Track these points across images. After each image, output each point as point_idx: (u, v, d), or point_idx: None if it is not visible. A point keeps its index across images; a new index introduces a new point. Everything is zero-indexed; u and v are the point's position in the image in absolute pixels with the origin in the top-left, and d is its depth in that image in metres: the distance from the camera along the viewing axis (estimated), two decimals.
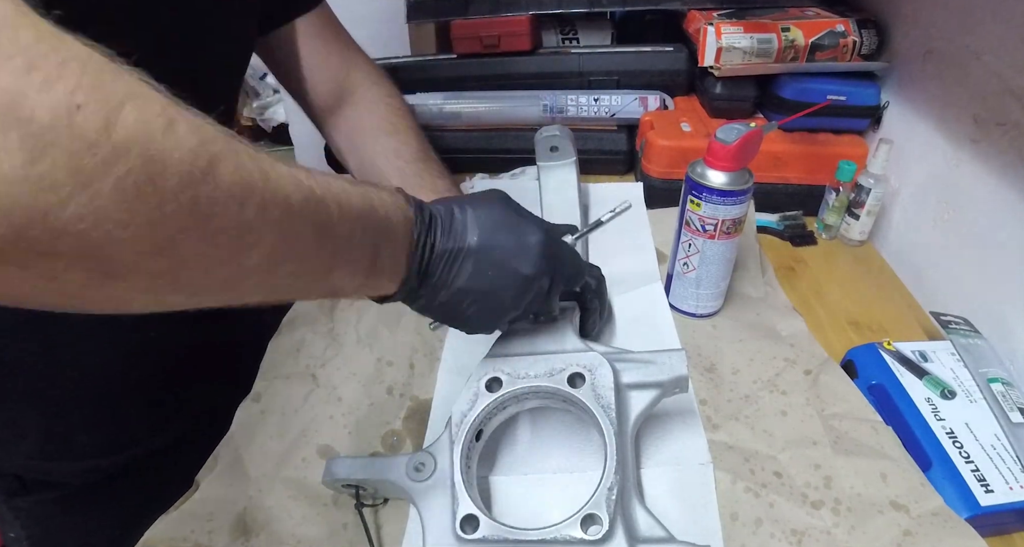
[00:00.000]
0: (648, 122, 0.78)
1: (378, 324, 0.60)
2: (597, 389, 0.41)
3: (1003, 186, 0.56)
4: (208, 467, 0.48)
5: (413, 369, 0.56)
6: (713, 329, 0.59)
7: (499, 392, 0.42)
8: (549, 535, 0.36)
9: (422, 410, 0.52)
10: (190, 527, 0.44)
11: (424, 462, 0.41)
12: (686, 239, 0.56)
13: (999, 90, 0.56)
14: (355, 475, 0.43)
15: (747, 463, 0.46)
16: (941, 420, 0.48)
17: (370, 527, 0.43)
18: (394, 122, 0.64)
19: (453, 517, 0.38)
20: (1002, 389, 0.50)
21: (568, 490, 0.44)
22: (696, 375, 0.54)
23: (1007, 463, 0.45)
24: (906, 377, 0.51)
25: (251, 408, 0.53)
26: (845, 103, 0.71)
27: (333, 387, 0.54)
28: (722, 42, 0.72)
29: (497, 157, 0.84)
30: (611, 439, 0.39)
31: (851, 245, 0.72)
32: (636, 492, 0.41)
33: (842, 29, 0.72)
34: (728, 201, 0.52)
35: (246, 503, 0.46)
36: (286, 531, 0.44)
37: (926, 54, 0.67)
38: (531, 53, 0.85)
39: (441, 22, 0.94)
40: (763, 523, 0.43)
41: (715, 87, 0.76)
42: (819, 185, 0.72)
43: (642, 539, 0.38)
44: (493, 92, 0.84)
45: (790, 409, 0.50)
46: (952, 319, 0.58)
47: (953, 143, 0.63)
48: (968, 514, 0.42)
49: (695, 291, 0.58)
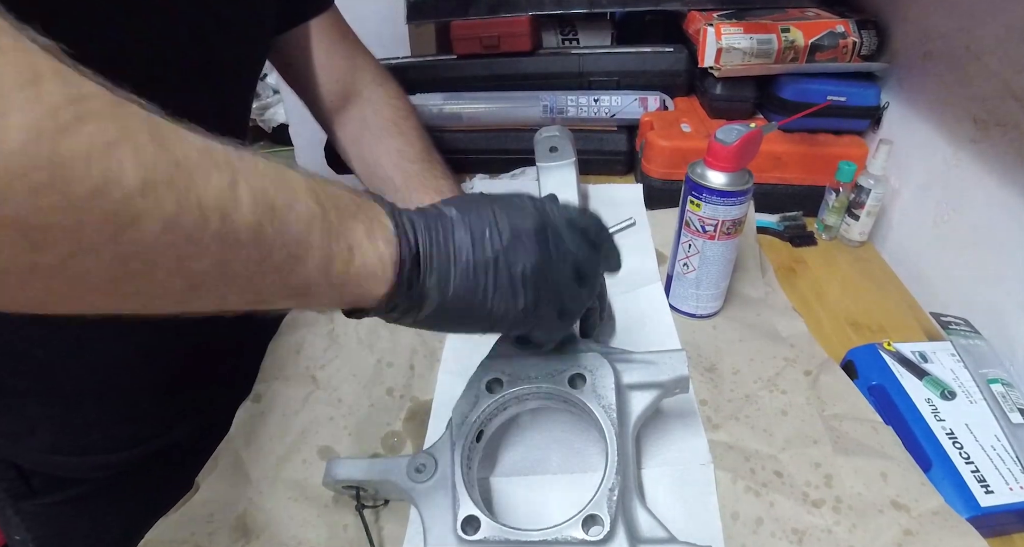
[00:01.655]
0: (648, 123, 0.78)
1: (378, 325, 0.60)
2: (598, 390, 0.41)
3: (1003, 186, 0.56)
4: (208, 468, 0.48)
5: (413, 370, 0.56)
6: (713, 329, 0.59)
7: (500, 393, 0.42)
8: (550, 536, 0.36)
9: (422, 411, 0.52)
10: (190, 529, 0.44)
11: (425, 463, 0.41)
12: (686, 240, 0.56)
13: (999, 90, 0.56)
14: (356, 476, 0.43)
15: (747, 462, 0.46)
16: (941, 421, 0.48)
17: (371, 528, 0.43)
18: (399, 123, 0.65)
19: (454, 518, 0.38)
20: (1002, 390, 0.50)
21: (569, 491, 0.44)
22: (696, 375, 0.54)
23: (1007, 464, 0.45)
24: (906, 377, 0.51)
25: (251, 409, 0.53)
26: (845, 104, 0.71)
27: (333, 388, 0.54)
28: (722, 43, 0.72)
29: (497, 157, 0.84)
30: (612, 440, 0.39)
31: (851, 245, 0.73)
32: (637, 492, 0.41)
33: (842, 30, 0.72)
34: (728, 201, 0.52)
35: (246, 504, 0.46)
36: (286, 532, 0.44)
37: (926, 55, 0.67)
38: (531, 53, 0.85)
39: (441, 22, 0.94)
40: (764, 522, 0.43)
41: (715, 88, 0.76)
42: (819, 186, 0.72)
43: (643, 539, 0.38)
44: (493, 93, 0.84)
45: (790, 409, 0.50)
46: (952, 319, 0.58)
47: (953, 143, 0.63)
48: (968, 515, 0.42)
49: (695, 291, 0.58)
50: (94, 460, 0.56)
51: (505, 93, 0.84)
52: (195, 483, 0.47)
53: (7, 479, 0.55)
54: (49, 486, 0.56)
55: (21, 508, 0.57)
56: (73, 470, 0.56)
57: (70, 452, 0.55)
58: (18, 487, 0.55)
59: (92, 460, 0.56)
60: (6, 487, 0.56)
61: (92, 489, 0.57)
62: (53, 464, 0.55)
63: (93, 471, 0.57)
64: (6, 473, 0.55)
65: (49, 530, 0.59)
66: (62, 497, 0.57)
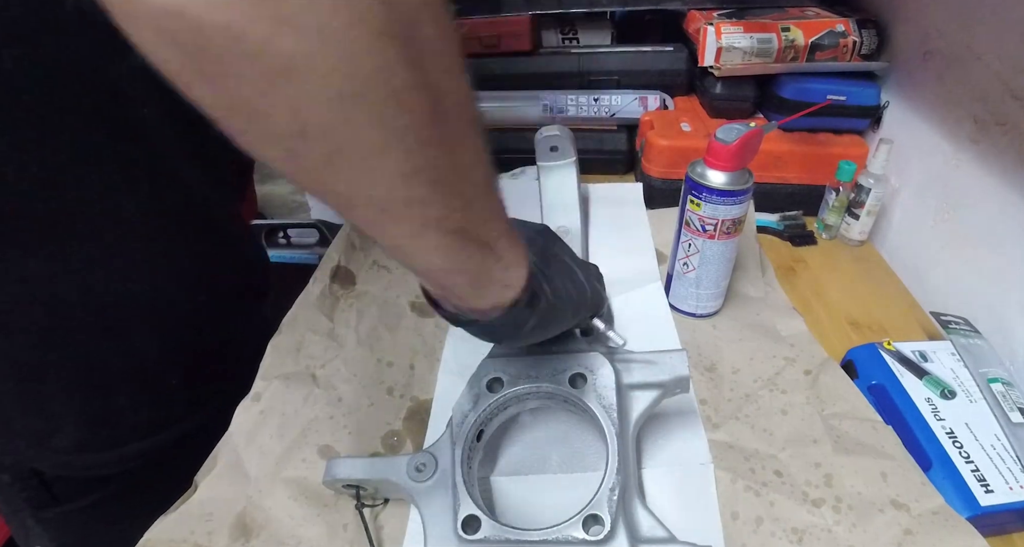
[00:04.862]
0: (648, 122, 0.78)
1: (378, 325, 0.60)
2: (598, 389, 0.41)
3: (1003, 186, 0.56)
4: (207, 467, 0.48)
5: (413, 370, 0.56)
6: (713, 329, 0.59)
7: (500, 392, 0.42)
8: (551, 535, 0.36)
9: (422, 410, 0.52)
10: (189, 528, 0.44)
11: (425, 462, 0.41)
12: (686, 239, 0.56)
13: (999, 90, 0.56)
14: (356, 475, 0.43)
15: (747, 462, 0.46)
16: (941, 420, 0.48)
17: (371, 528, 0.43)
18: None
19: (454, 517, 0.38)
20: (1002, 389, 0.50)
21: (569, 490, 0.44)
22: (696, 375, 0.54)
23: (1007, 463, 0.45)
24: (906, 377, 0.51)
25: (251, 408, 0.53)
26: (845, 103, 0.71)
27: (333, 387, 0.54)
28: (722, 42, 0.72)
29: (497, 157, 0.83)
30: (612, 439, 0.39)
31: (851, 245, 0.73)
32: (637, 492, 0.41)
33: (842, 29, 0.72)
34: (728, 201, 0.52)
35: (246, 503, 0.46)
36: (286, 531, 0.44)
37: (926, 54, 0.67)
38: (531, 53, 0.85)
39: None
40: (764, 522, 0.43)
41: (715, 87, 0.76)
42: (819, 185, 0.72)
43: (644, 539, 0.38)
44: (493, 92, 0.84)
45: (790, 408, 0.50)
46: (952, 319, 0.58)
47: (953, 143, 0.63)
48: (968, 514, 0.42)
49: (695, 291, 0.58)
50: (122, 451, 0.56)
51: (505, 93, 0.84)
52: (194, 482, 0.47)
53: (29, 489, 0.55)
54: (70, 492, 0.56)
55: (42, 517, 0.57)
56: (98, 467, 0.56)
57: (98, 447, 0.55)
58: (40, 496, 0.55)
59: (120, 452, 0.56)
60: (27, 497, 0.55)
61: (112, 492, 0.57)
62: (76, 464, 0.55)
63: (119, 464, 0.56)
64: (28, 482, 0.55)
65: (71, 537, 0.59)
66: (84, 503, 0.57)
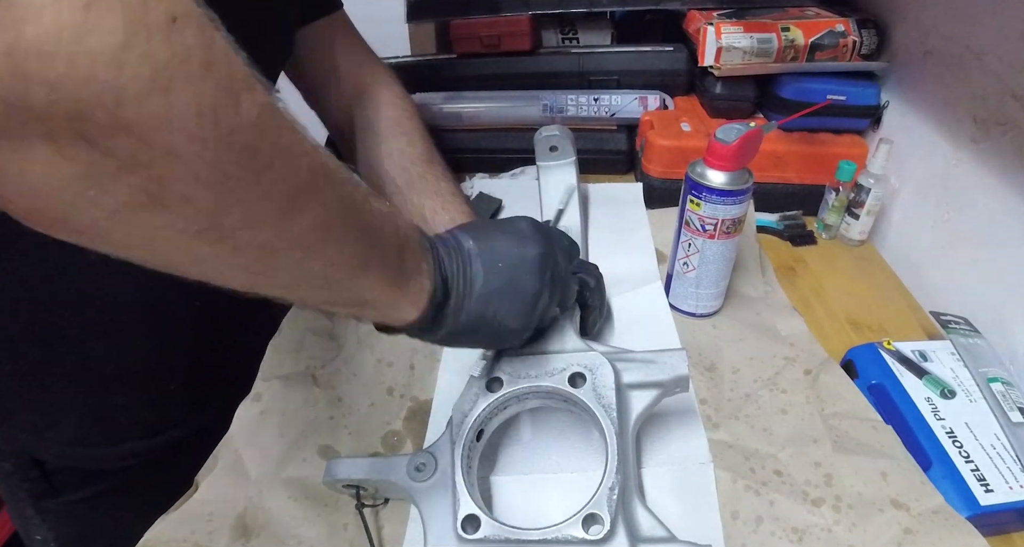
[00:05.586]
0: (648, 122, 0.78)
1: None
2: (598, 389, 0.41)
3: (1003, 186, 0.56)
4: (207, 467, 0.48)
5: (413, 370, 0.56)
6: (713, 329, 0.59)
7: (500, 392, 0.42)
8: (550, 535, 0.36)
9: (422, 410, 0.52)
10: (190, 528, 0.44)
11: (425, 462, 0.41)
12: (686, 239, 0.56)
13: (999, 90, 0.56)
14: (356, 475, 0.43)
15: (747, 462, 0.46)
16: (941, 420, 0.48)
17: (371, 527, 0.43)
18: (402, 124, 0.65)
19: (454, 517, 0.38)
20: (1002, 389, 0.50)
21: (569, 490, 0.44)
22: (696, 374, 0.54)
23: (1007, 463, 0.45)
24: (906, 377, 0.51)
25: (251, 408, 0.53)
26: (845, 103, 0.71)
27: (333, 387, 0.54)
28: (722, 42, 0.72)
29: (497, 157, 0.84)
30: (612, 439, 0.39)
31: (851, 245, 0.73)
32: (637, 492, 0.41)
33: (842, 29, 0.72)
34: (728, 201, 0.52)
35: (246, 503, 0.46)
36: (286, 532, 0.44)
37: (926, 54, 0.67)
38: (531, 53, 0.85)
39: (441, 22, 0.94)
40: (763, 521, 0.43)
41: (715, 87, 0.76)
42: (819, 185, 0.72)
43: (643, 539, 0.38)
44: (493, 92, 0.84)
45: (790, 408, 0.50)
46: (952, 319, 0.58)
47: (953, 143, 0.63)
48: (968, 514, 0.42)
49: (695, 291, 0.58)
50: (121, 449, 0.56)
51: (505, 92, 0.84)
52: (194, 482, 0.47)
53: (30, 479, 0.55)
54: (71, 483, 0.56)
55: (43, 507, 0.57)
56: (98, 461, 0.56)
57: (96, 443, 0.55)
58: (40, 486, 0.56)
59: (118, 449, 0.56)
60: (28, 487, 0.56)
61: (113, 485, 0.57)
62: (76, 457, 0.55)
63: (119, 461, 0.57)
64: (29, 472, 0.55)
65: (71, 528, 0.59)
66: (84, 494, 0.57)
